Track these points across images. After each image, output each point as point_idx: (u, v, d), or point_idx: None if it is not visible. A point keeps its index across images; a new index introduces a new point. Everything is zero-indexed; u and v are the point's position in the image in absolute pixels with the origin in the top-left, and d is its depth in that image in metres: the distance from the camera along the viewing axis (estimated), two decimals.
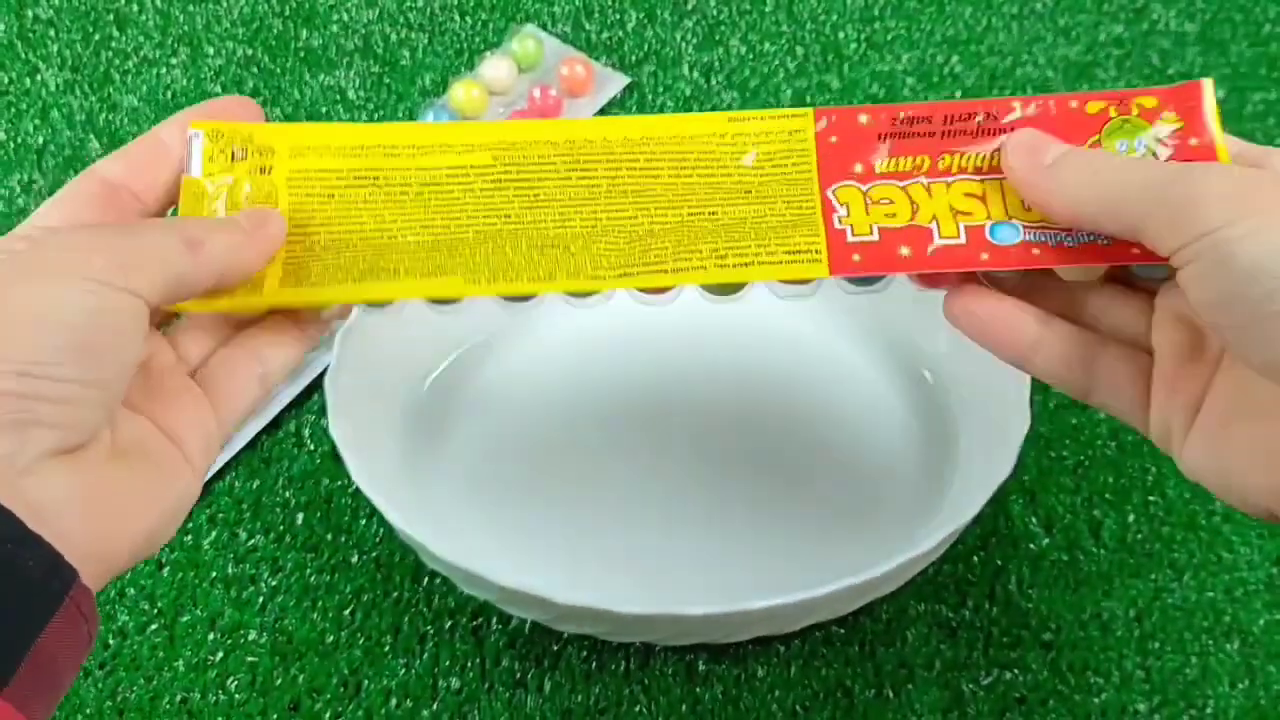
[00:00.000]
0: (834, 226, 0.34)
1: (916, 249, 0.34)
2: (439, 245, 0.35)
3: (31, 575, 0.27)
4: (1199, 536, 0.48)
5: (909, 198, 0.35)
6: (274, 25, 0.68)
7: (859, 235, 0.34)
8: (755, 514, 0.47)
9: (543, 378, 0.52)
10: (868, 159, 0.35)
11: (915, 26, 0.67)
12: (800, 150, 0.36)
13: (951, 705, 0.44)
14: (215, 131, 0.35)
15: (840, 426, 0.50)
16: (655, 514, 0.48)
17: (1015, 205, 0.34)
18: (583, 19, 0.68)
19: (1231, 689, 0.44)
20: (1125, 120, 0.35)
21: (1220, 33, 0.66)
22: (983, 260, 0.34)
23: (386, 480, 0.44)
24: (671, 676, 0.45)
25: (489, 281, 0.35)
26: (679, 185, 0.36)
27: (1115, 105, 0.35)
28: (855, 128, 0.36)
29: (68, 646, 0.28)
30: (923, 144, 0.35)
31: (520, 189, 0.36)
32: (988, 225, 0.34)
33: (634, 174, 0.36)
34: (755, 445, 0.50)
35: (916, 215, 0.34)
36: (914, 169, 0.35)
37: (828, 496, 0.48)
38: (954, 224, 0.34)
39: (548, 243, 0.35)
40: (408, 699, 0.44)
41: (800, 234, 0.35)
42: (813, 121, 0.36)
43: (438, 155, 0.36)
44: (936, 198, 0.35)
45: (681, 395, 0.51)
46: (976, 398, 0.47)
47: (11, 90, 0.65)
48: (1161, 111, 0.35)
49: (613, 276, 0.35)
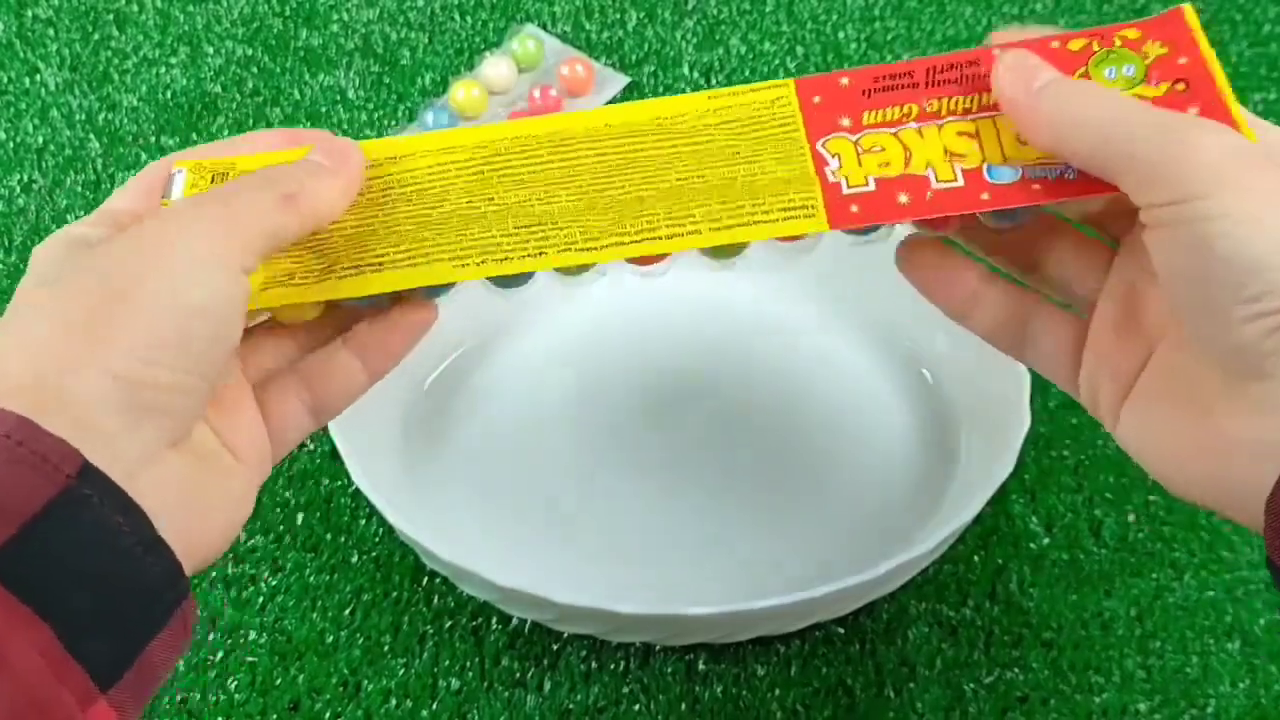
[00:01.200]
0: (828, 180, 0.34)
1: (914, 195, 0.33)
2: (424, 230, 0.35)
3: (153, 584, 0.27)
4: (1200, 536, 0.48)
5: (901, 143, 0.34)
6: (274, 25, 0.68)
7: (854, 186, 0.34)
8: (755, 514, 0.47)
9: (542, 378, 0.52)
10: (854, 112, 0.35)
11: (915, 26, 0.67)
12: (785, 114, 0.35)
13: (953, 704, 0.44)
14: (199, 166, 0.35)
15: (840, 426, 0.50)
16: (655, 514, 0.48)
17: (1011, 145, 0.33)
18: (583, 19, 0.68)
19: (1233, 688, 0.44)
20: (1109, 51, 0.34)
21: (1220, 33, 0.66)
22: (983, 200, 0.33)
23: (386, 480, 0.44)
24: (671, 676, 0.45)
25: (477, 264, 0.34)
26: (665, 154, 0.35)
27: (1097, 40, 0.34)
28: (837, 89, 0.35)
29: (169, 654, 0.27)
30: (908, 94, 0.35)
31: (504, 175, 0.35)
32: (984, 167, 0.33)
33: (619, 151, 0.35)
34: (755, 446, 0.50)
35: (910, 162, 0.34)
36: (902, 116, 0.34)
37: (827, 496, 0.48)
38: (950, 168, 0.33)
39: (534, 220, 0.34)
40: (407, 699, 0.44)
41: (794, 189, 0.34)
42: (794, 89, 0.35)
43: (417, 159, 0.36)
44: (929, 140, 0.34)
45: (681, 395, 0.51)
46: (976, 398, 0.47)
47: (11, 90, 0.65)
48: (1145, 42, 0.34)
49: (605, 247, 0.34)
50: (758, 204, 0.34)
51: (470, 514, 0.48)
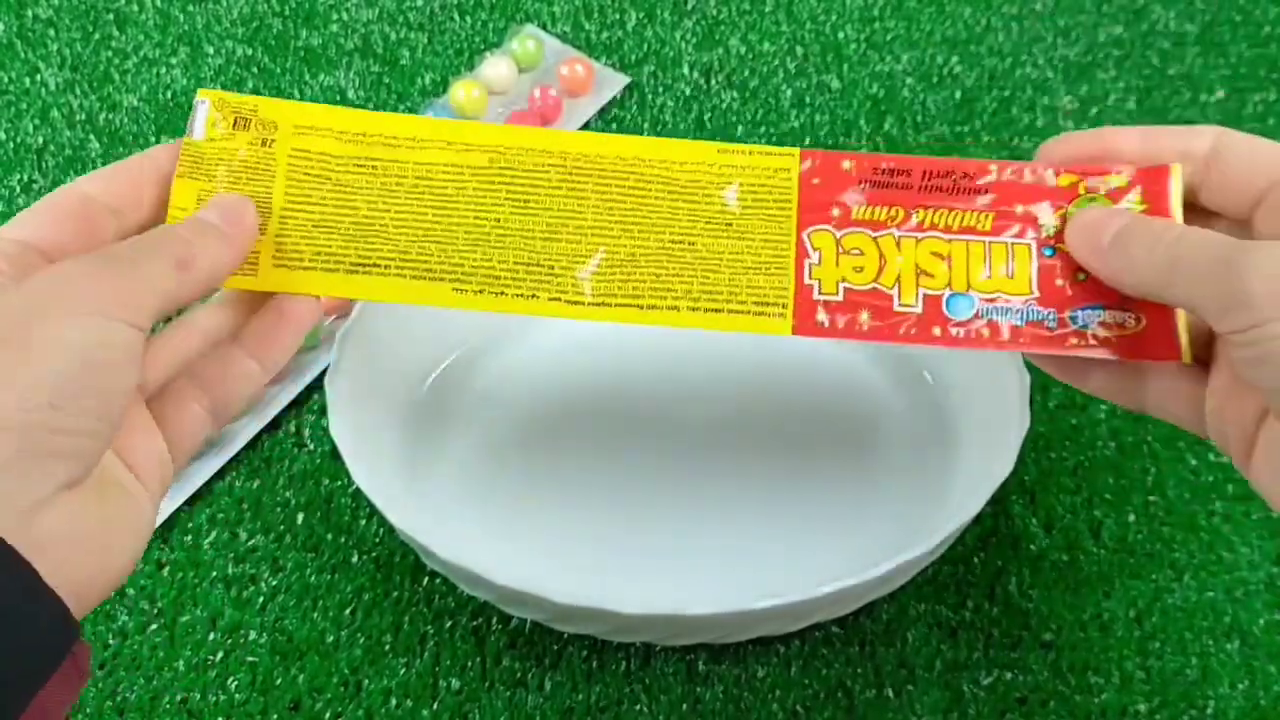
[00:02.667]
0: (804, 280, 0.36)
1: (876, 314, 0.36)
2: (429, 240, 0.36)
3: (39, 631, 0.27)
4: (1199, 537, 0.48)
5: (879, 250, 0.36)
6: (274, 25, 0.68)
7: (825, 293, 0.36)
8: (755, 514, 0.47)
9: (543, 377, 0.52)
10: (846, 204, 0.37)
11: (915, 26, 0.67)
12: (783, 188, 0.37)
13: (952, 705, 0.44)
14: (221, 100, 0.36)
15: (840, 427, 0.50)
16: (655, 514, 0.48)
17: (977, 272, 0.36)
18: (583, 19, 0.68)
19: (1232, 689, 0.44)
20: (1092, 199, 0.36)
21: (1220, 34, 0.66)
22: (935, 336, 0.36)
23: (386, 480, 0.45)
24: (672, 676, 0.45)
25: (476, 293, 0.36)
26: (664, 208, 0.37)
27: (1085, 183, 0.36)
28: (838, 173, 0.37)
29: (62, 698, 0.28)
30: (900, 195, 0.37)
31: (512, 192, 0.37)
32: (945, 295, 0.36)
33: (623, 191, 0.37)
34: (755, 445, 0.50)
35: (882, 274, 0.36)
36: (888, 219, 0.37)
37: (828, 496, 0.48)
38: (914, 290, 0.36)
39: (534, 259, 0.36)
40: (408, 699, 0.44)
41: (772, 282, 0.36)
42: (798, 162, 0.37)
43: (435, 151, 0.37)
44: (905, 253, 0.36)
45: (681, 395, 0.51)
46: (976, 398, 0.47)
47: (11, 90, 0.65)
48: (1128, 191, 0.36)
49: (590, 304, 0.36)
50: (734, 292, 0.36)
51: (470, 514, 0.48)
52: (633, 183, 0.37)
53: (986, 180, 0.37)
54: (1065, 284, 0.36)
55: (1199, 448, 0.50)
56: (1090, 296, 0.35)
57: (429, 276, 0.36)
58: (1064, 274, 0.36)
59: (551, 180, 0.37)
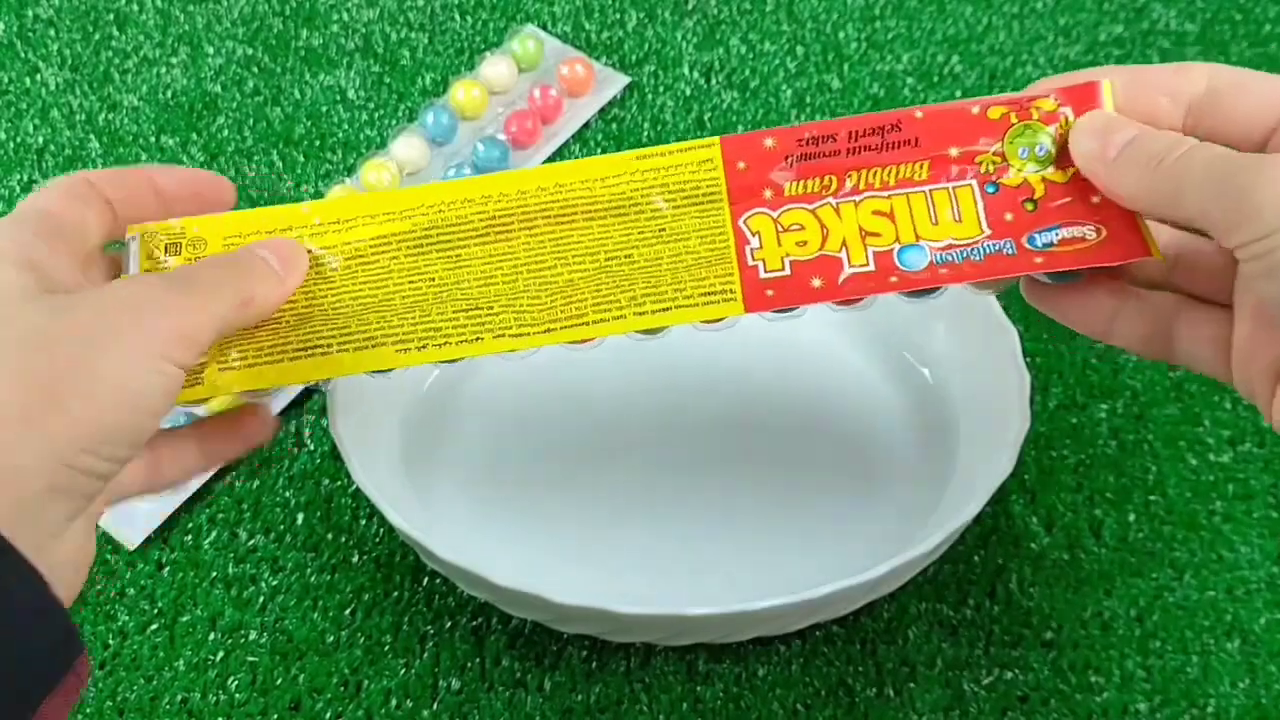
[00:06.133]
0: (747, 264, 0.36)
1: (827, 279, 0.35)
2: (369, 313, 0.36)
3: (47, 646, 0.28)
4: (1200, 536, 0.48)
5: (819, 221, 0.36)
6: (274, 25, 0.68)
7: (771, 271, 0.35)
8: (755, 514, 0.47)
9: (542, 378, 0.52)
10: (777, 183, 0.36)
11: (916, 26, 0.67)
12: (710, 180, 0.37)
13: (953, 704, 0.44)
14: (150, 234, 0.37)
15: (840, 426, 0.50)
16: (655, 514, 0.48)
17: (923, 223, 0.35)
18: (583, 19, 0.68)
19: (1233, 688, 0.44)
20: (1026, 126, 0.35)
21: (1220, 33, 0.66)
22: (892, 283, 0.35)
23: (386, 480, 0.45)
24: (672, 676, 0.45)
25: (418, 349, 0.36)
26: (594, 230, 0.37)
27: (1015, 111, 0.36)
28: (762, 152, 0.36)
29: (61, 710, 0.29)
30: (829, 164, 0.36)
31: (442, 251, 0.37)
32: (895, 250, 0.35)
33: (549, 224, 0.37)
34: (754, 445, 0.50)
35: (827, 242, 0.35)
36: (822, 189, 0.36)
37: (827, 497, 0.48)
38: (863, 250, 0.35)
39: (471, 305, 0.36)
40: (408, 699, 0.44)
41: (715, 273, 0.36)
42: (719, 150, 0.37)
43: (361, 228, 0.37)
44: (846, 219, 0.36)
45: (680, 395, 0.51)
46: (976, 398, 0.47)
47: (11, 90, 0.65)
48: (1059, 112, 0.35)
49: (536, 333, 0.36)
50: (679, 289, 0.36)
51: (470, 514, 0.48)
52: (556, 211, 0.37)
53: (914, 128, 0.36)
54: (1014, 216, 0.35)
55: (1199, 447, 0.50)
56: (1044, 220, 0.35)
57: (370, 345, 0.36)
58: (1011, 207, 0.35)
59: (477, 229, 0.37)
